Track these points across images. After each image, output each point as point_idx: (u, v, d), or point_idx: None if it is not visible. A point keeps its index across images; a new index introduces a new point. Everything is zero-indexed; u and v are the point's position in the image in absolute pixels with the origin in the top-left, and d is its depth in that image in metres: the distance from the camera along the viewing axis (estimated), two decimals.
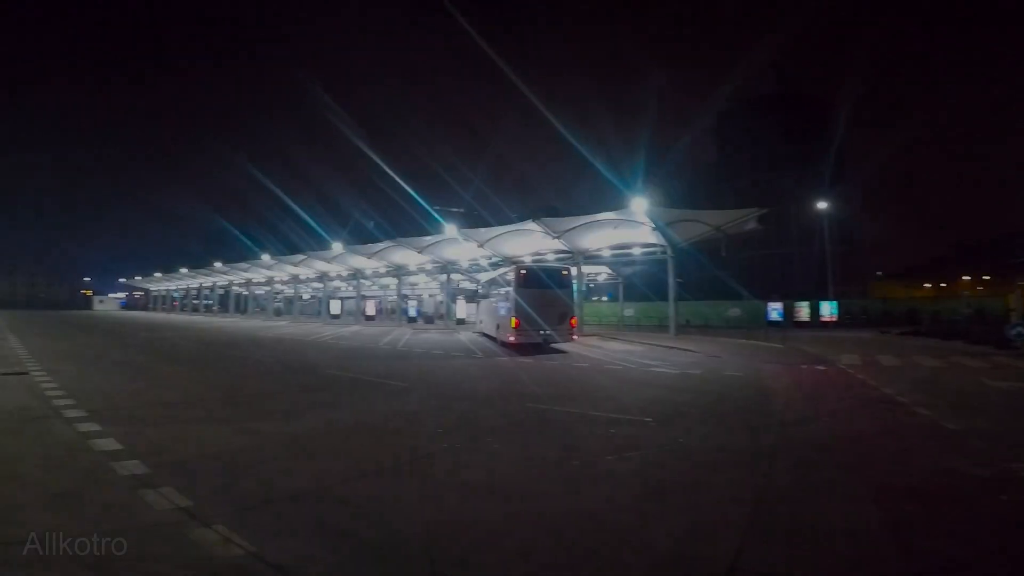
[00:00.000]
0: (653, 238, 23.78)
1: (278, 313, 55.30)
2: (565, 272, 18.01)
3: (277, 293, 57.59)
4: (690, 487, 4.31)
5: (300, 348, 18.01)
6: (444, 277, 36.13)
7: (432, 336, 24.21)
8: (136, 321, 40.60)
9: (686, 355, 15.34)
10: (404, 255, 34.62)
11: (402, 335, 24.55)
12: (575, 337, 17.53)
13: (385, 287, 50.27)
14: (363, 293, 45.40)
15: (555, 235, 24.09)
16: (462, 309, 35.32)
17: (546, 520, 3.56)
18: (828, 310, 31.79)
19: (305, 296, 56.63)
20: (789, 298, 33.32)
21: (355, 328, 32.27)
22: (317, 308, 52.17)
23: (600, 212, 23.05)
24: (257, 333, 25.99)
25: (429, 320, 38.97)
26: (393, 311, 44.70)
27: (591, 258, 27.21)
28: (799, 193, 54.11)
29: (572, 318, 17.16)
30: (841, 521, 3.57)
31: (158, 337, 22.14)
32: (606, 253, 26.88)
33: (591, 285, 38.56)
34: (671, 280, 23.46)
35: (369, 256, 36.10)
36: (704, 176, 68.20)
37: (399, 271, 38.51)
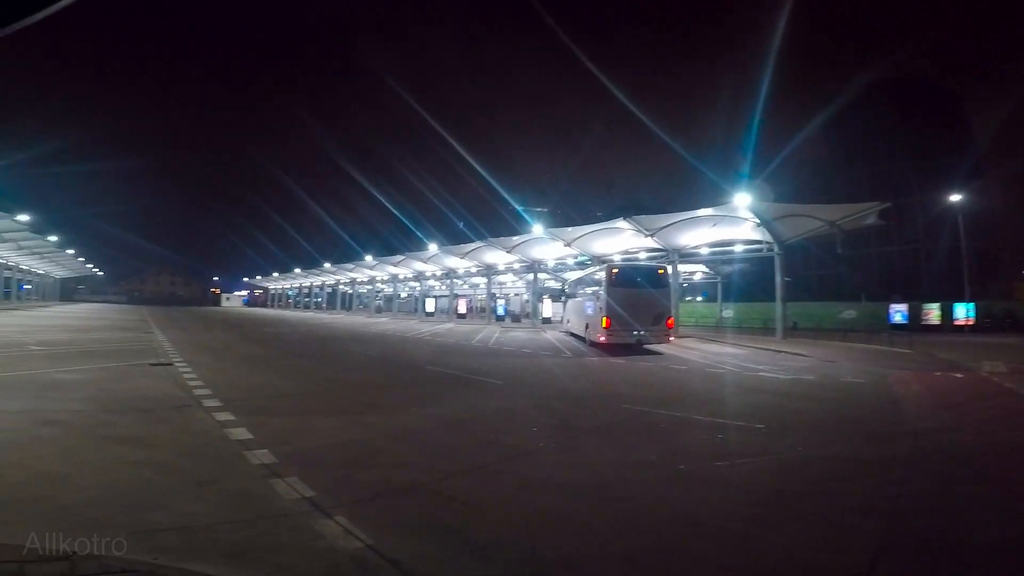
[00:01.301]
0: (757, 234, 22.27)
1: (379, 310, 58.73)
2: (661, 271, 17.42)
3: (378, 292, 61.25)
4: (812, 496, 3.98)
5: (400, 344, 18.96)
6: (531, 276, 36.37)
7: (520, 334, 24.42)
8: (257, 317, 45.08)
9: (796, 359, 14.20)
10: (494, 255, 35.30)
11: (492, 333, 25.02)
12: (671, 339, 16.85)
13: (475, 286, 51.74)
14: (455, 292, 46.91)
15: (648, 233, 23.32)
16: (548, 308, 35.35)
17: (652, 524, 3.43)
18: (963, 313, 27.97)
19: (403, 294, 59.65)
20: (914, 299, 29.72)
21: (448, 325, 33.41)
22: (414, 306, 54.75)
23: (698, 208, 21.93)
24: (361, 329, 27.76)
25: (516, 319, 39.43)
26: (482, 309, 45.74)
27: (687, 256, 26.04)
28: (925, 185, 47.99)
29: (669, 319, 16.49)
30: (990, 536, 3.15)
31: (276, 332, 24.37)
32: (704, 251, 25.58)
33: (686, 284, 36.94)
34: (778, 279, 21.81)
35: (461, 256, 37.26)
36: (813, 167, 62.62)
37: (489, 270, 39.36)
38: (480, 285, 49.29)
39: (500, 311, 40.03)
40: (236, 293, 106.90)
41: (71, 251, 55.02)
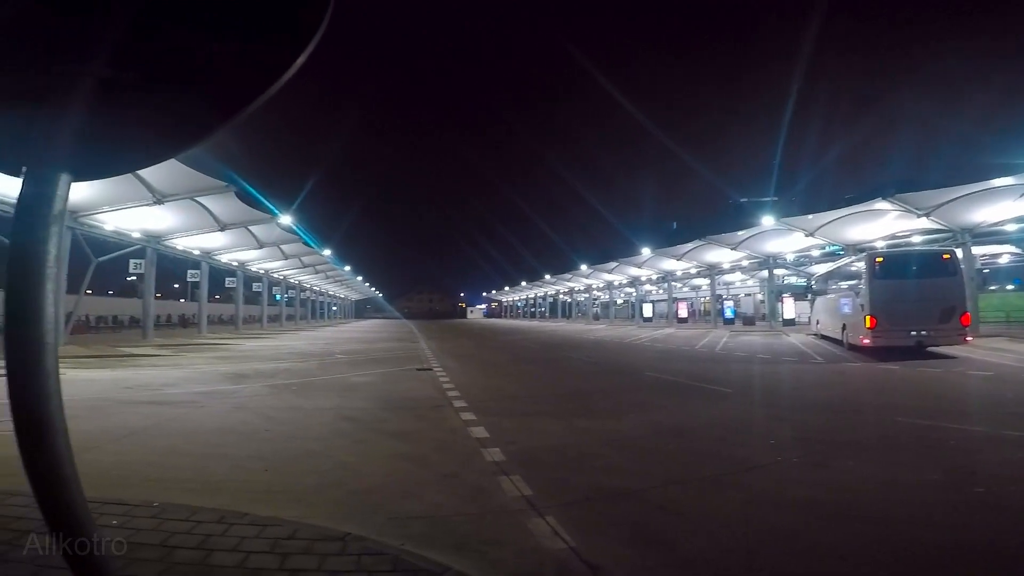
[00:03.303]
0: None
1: (596, 317, 60.02)
2: (947, 256, 13.84)
3: (595, 299, 62.73)
4: None
5: (618, 350, 19.00)
6: (765, 273, 32.65)
7: (754, 339, 22.10)
8: (493, 327, 50.45)
9: None
10: (716, 253, 32.88)
11: (719, 338, 23.23)
12: (968, 339, 13.20)
13: (696, 288, 48.89)
14: (674, 295, 45.06)
15: (921, 212, 18.91)
16: (789, 308, 31.12)
17: (923, 551, 2.83)
18: None
19: (619, 301, 59.89)
20: None
21: (668, 331, 32.21)
22: (630, 312, 54.49)
23: (991, 178, 16.74)
24: (579, 336, 28.69)
25: (749, 321, 35.72)
26: (706, 312, 42.87)
27: (982, 236, 20.21)
28: None
29: (964, 315, 12.99)
30: None
31: (508, 340, 26.88)
32: (1009, 228, 19.49)
33: (986, 270, 28.50)
34: None
35: (678, 257, 35.67)
36: None
37: (711, 271, 36.74)
38: (702, 287, 46.41)
39: (728, 313, 36.82)
40: (478, 307, 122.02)
41: (360, 277, 70.09)
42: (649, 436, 5.81)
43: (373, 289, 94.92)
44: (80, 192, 15.49)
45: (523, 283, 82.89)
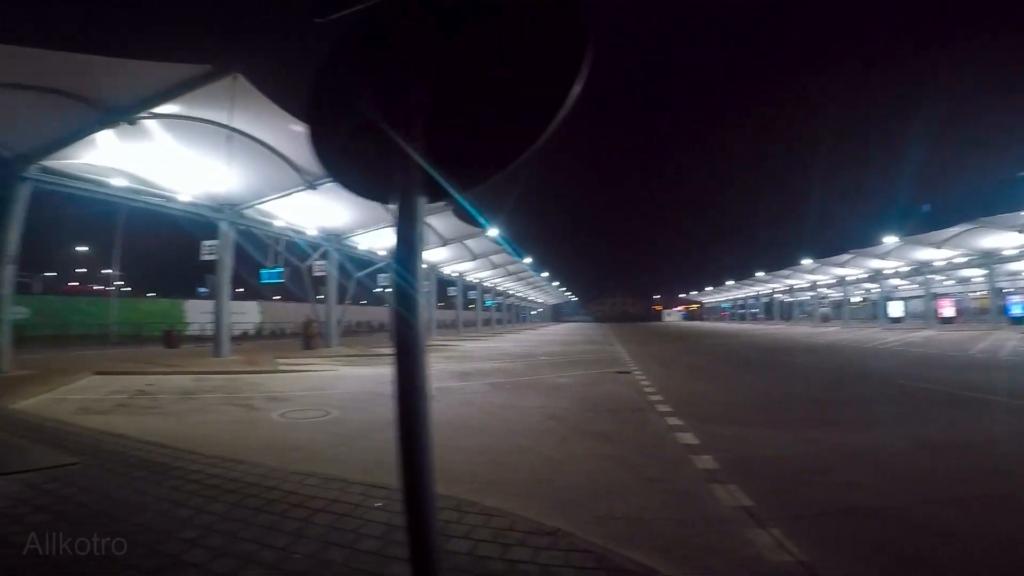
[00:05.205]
0: None
1: (826, 319, 52.01)
2: None
3: (822, 297, 54.44)
4: None
5: (858, 355, 16.35)
6: None
7: None
8: (694, 330, 47.60)
9: None
10: (993, 238, 25.85)
11: (1003, 341, 18.31)
12: None
13: (964, 281, 39.08)
14: (932, 290, 36.52)
15: None
16: None
17: None
18: None
19: (854, 299, 50.96)
20: None
21: (926, 333, 26.33)
22: (872, 311, 45.97)
23: None
24: (804, 340, 25.36)
25: None
26: (983, 311, 33.75)
27: None
28: None
29: None
30: None
31: (714, 343, 25.08)
32: None
33: None
34: None
35: (937, 245, 28.89)
36: None
37: (987, 259, 28.82)
38: (972, 279, 36.78)
39: (1017, 311, 28.43)
40: (675, 309, 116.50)
41: (556, 283, 72.97)
42: (903, 451, 4.96)
43: (568, 293, 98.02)
44: (341, 219, 18.32)
45: (729, 282, 75.90)
